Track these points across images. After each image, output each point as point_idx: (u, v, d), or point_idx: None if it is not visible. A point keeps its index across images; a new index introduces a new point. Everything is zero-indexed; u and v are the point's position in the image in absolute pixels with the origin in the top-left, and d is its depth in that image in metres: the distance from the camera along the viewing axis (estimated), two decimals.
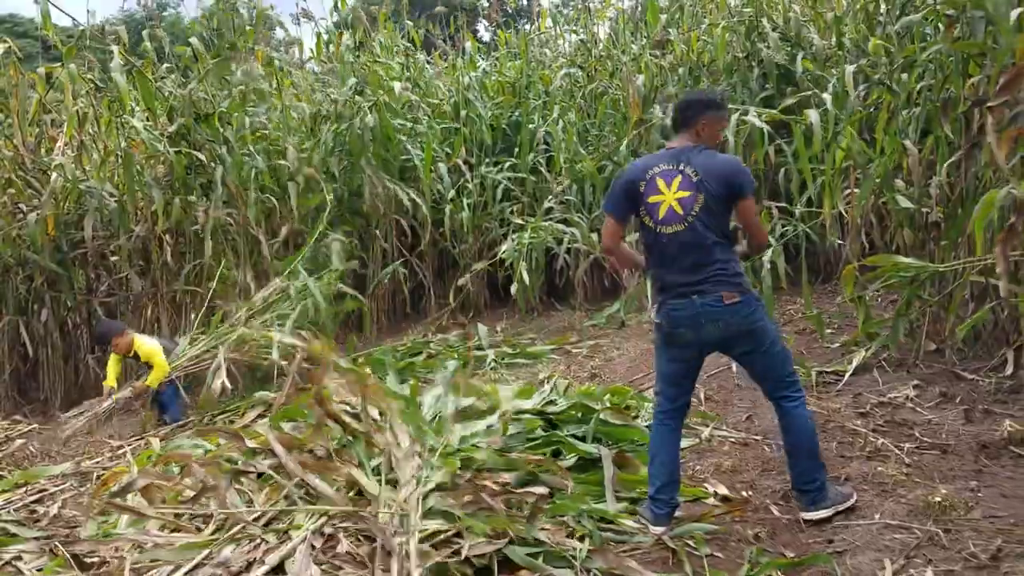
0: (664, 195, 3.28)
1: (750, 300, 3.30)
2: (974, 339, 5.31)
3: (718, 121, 3.47)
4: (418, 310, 9.37)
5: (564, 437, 4.16)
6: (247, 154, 7.87)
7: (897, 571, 2.85)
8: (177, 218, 7.51)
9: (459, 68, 10.54)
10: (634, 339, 7.03)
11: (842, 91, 6.67)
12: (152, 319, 7.86)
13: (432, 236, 9.34)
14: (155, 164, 7.72)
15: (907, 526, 3.21)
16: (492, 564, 2.97)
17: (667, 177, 3.29)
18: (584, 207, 8.74)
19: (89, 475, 4.53)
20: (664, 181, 3.29)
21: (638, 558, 3.11)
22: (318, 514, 3.14)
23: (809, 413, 3.41)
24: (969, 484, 3.58)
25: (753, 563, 2.96)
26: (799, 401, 3.37)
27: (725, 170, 3.27)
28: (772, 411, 4.60)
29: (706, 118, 3.39)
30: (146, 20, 11.12)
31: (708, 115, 3.39)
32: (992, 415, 4.36)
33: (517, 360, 6.84)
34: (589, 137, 9.37)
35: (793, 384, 3.39)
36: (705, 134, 3.41)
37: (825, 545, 3.13)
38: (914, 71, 5.88)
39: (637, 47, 9.60)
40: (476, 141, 9.74)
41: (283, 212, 8.15)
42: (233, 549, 2.92)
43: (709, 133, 3.43)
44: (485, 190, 9.26)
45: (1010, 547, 2.93)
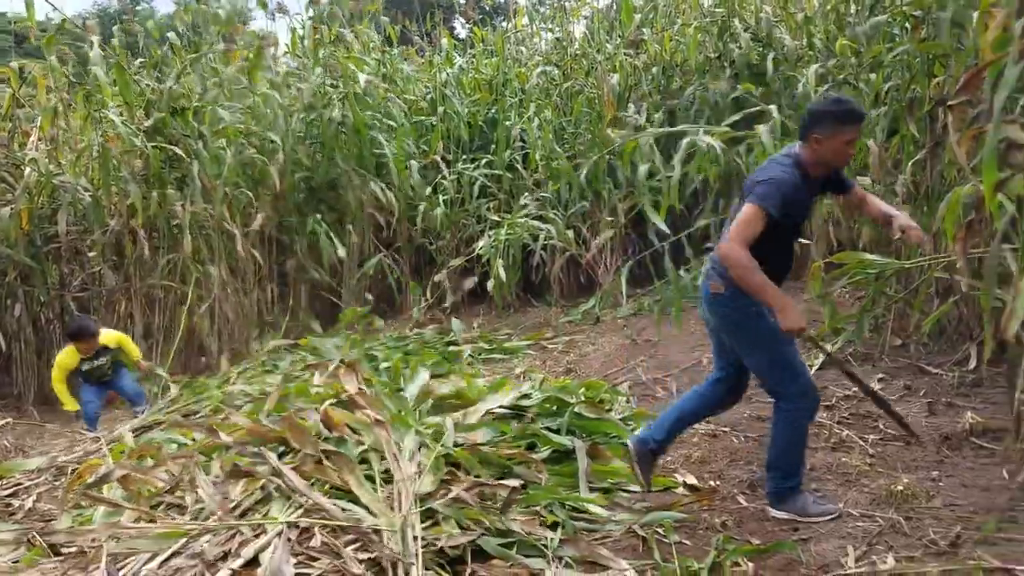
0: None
1: (734, 297, 3.22)
2: (938, 334, 5.44)
3: (836, 136, 3.12)
4: (394, 306, 9.40)
5: (539, 430, 4.22)
6: (221, 148, 7.87)
7: (860, 558, 2.93)
8: (153, 212, 7.50)
9: (436, 65, 10.57)
10: (609, 334, 7.11)
11: (811, 90, 6.79)
12: (125, 315, 7.83)
13: (408, 232, 9.38)
14: (131, 158, 7.69)
15: (870, 514, 3.30)
16: (465, 555, 3.03)
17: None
18: (560, 204, 8.82)
19: (64, 469, 4.52)
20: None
21: (609, 546, 3.18)
22: (294, 506, 3.18)
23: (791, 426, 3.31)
24: (931, 474, 3.69)
25: (720, 550, 3.03)
26: (785, 409, 3.31)
27: (755, 175, 3.27)
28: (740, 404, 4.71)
29: (819, 131, 3.13)
30: (119, 15, 11.04)
31: (820, 129, 3.13)
32: (955, 408, 4.49)
33: (493, 355, 6.90)
34: (565, 135, 9.45)
35: (783, 396, 3.30)
36: (823, 150, 3.15)
37: (790, 533, 3.22)
38: (881, 71, 6.01)
39: (612, 46, 9.69)
40: (453, 138, 9.78)
41: (257, 204, 8.17)
42: (208, 539, 2.95)
43: (829, 149, 3.15)
44: (462, 187, 9.31)
45: (969, 534, 3.03)
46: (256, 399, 5.23)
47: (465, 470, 3.65)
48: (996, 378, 4.71)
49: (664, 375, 5.64)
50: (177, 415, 5.61)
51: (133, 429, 5.25)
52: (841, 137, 3.13)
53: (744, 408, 4.84)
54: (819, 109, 3.19)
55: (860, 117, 3.20)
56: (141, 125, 7.59)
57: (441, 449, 3.71)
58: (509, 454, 3.84)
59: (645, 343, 6.56)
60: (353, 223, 8.95)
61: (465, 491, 3.34)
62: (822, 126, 3.12)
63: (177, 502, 3.39)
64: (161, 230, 7.77)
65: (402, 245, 9.43)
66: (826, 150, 3.16)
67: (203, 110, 7.91)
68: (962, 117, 4.44)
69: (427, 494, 3.32)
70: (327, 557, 2.88)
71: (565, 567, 3.02)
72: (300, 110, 8.95)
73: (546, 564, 3.01)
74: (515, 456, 3.83)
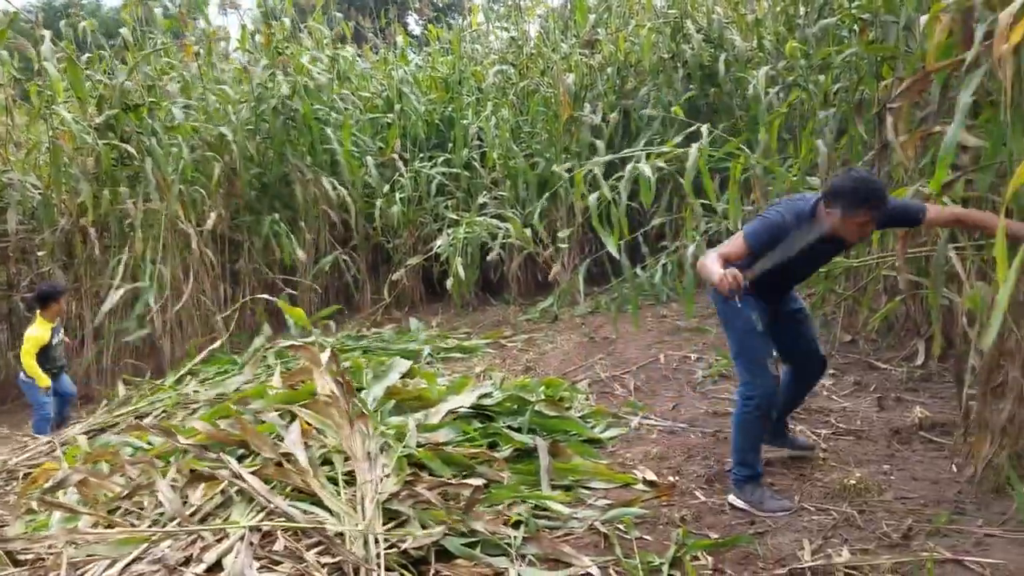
0: None
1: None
2: (887, 331, 5.60)
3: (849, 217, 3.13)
4: (351, 305, 9.35)
5: (500, 429, 4.25)
6: (175, 145, 7.75)
7: (815, 551, 3.01)
8: (104, 211, 7.35)
9: (390, 62, 10.53)
10: (567, 332, 7.17)
11: (762, 91, 6.91)
12: (76, 315, 7.67)
13: (365, 230, 9.33)
14: (83, 156, 7.53)
15: (824, 508, 3.39)
16: (429, 555, 3.04)
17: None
18: (518, 203, 8.85)
19: (15, 473, 4.42)
20: None
21: (572, 543, 3.22)
22: (255, 510, 3.16)
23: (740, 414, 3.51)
24: (882, 467, 3.80)
25: (680, 544, 3.08)
26: (744, 402, 3.50)
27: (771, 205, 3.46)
28: (697, 400, 4.80)
29: (833, 207, 3.15)
30: (65, 9, 10.78)
31: (834, 205, 3.15)
32: (904, 402, 4.63)
33: (452, 354, 6.90)
34: (522, 134, 9.48)
35: (744, 383, 3.51)
36: (835, 223, 3.17)
37: (748, 527, 3.29)
38: (830, 73, 6.14)
39: (567, 46, 9.75)
40: (410, 136, 9.75)
41: (210, 202, 8.06)
42: (170, 545, 2.92)
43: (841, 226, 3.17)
44: (419, 185, 9.28)
45: (920, 526, 3.13)
46: (213, 401, 5.16)
47: (428, 470, 3.66)
48: (944, 373, 4.87)
49: (622, 372, 5.71)
50: (130, 417, 5.51)
51: (86, 432, 5.14)
52: (854, 219, 3.15)
53: (701, 404, 4.93)
54: (838, 186, 3.16)
55: (877, 203, 3.14)
56: (92, 122, 7.43)
57: (404, 450, 3.71)
58: (471, 453, 3.86)
59: (603, 341, 6.64)
60: (306, 220, 8.87)
61: (428, 491, 3.34)
62: (837, 203, 3.14)
63: (136, 507, 3.34)
64: (112, 229, 7.62)
65: (359, 243, 9.37)
66: (838, 225, 3.19)
67: (157, 106, 7.77)
68: (907, 119, 4.58)
69: (390, 495, 3.32)
70: (290, 561, 2.87)
71: (528, 565, 3.05)
72: (248, 101, 8.84)
73: (510, 562, 3.04)
74: (477, 455, 3.85)
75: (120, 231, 7.61)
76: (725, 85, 8.41)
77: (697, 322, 6.65)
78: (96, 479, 3.56)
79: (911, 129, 4.85)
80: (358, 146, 9.53)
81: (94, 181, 7.42)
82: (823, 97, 6.24)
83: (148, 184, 7.37)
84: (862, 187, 3.12)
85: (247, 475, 3.28)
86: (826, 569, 2.85)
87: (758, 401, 3.45)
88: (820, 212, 3.23)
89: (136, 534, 2.98)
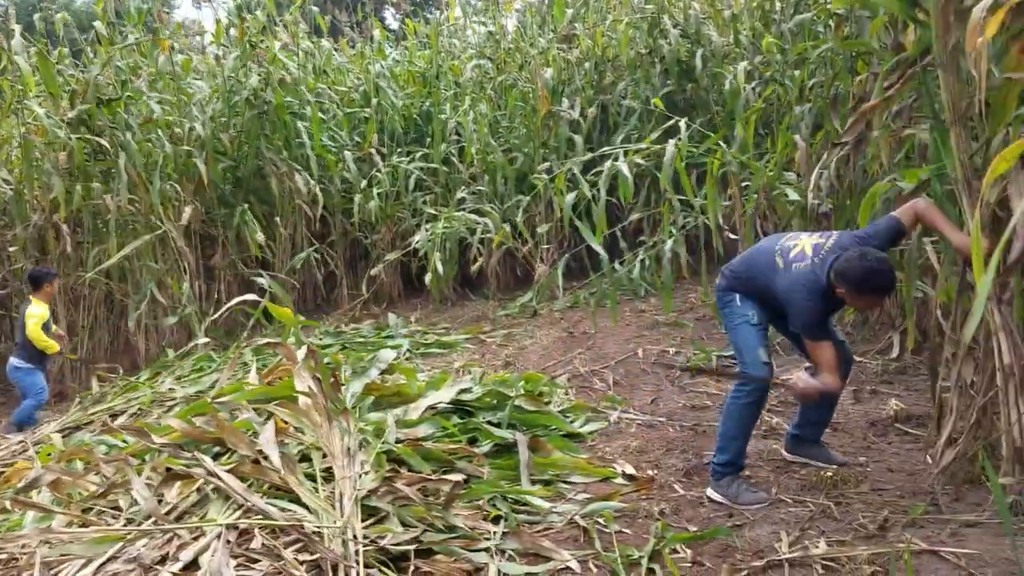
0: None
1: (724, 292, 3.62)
2: (862, 323, 5.65)
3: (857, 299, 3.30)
4: (329, 300, 9.30)
5: (480, 424, 4.25)
6: (150, 140, 7.66)
7: (793, 543, 3.03)
8: (77, 206, 7.25)
9: (367, 56, 10.46)
10: (547, 327, 7.17)
11: (739, 87, 6.94)
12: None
13: (343, 226, 9.28)
14: (55, 151, 7.42)
15: (801, 500, 3.42)
16: (409, 551, 3.03)
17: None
18: (496, 197, 8.83)
19: None
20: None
21: (551, 537, 3.22)
22: (232, 508, 3.13)
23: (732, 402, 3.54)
24: (858, 459, 3.84)
25: (659, 538, 3.09)
26: (737, 390, 3.54)
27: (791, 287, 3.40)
28: (676, 394, 4.82)
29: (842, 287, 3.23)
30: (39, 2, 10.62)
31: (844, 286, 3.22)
32: (879, 395, 4.68)
33: (431, 350, 6.88)
34: (500, 129, 9.46)
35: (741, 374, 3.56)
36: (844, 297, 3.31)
37: (726, 519, 3.31)
38: (805, 68, 6.18)
39: (545, 40, 9.74)
40: (388, 130, 9.70)
41: (184, 196, 7.99)
42: (145, 543, 2.89)
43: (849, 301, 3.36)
44: (397, 180, 9.24)
45: (896, 517, 3.15)
46: (189, 399, 5.11)
47: (407, 466, 3.64)
48: (918, 366, 4.92)
49: (601, 367, 5.72)
50: (105, 415, 5.45)
51: (60, 430, 5.08)
52: (860, 301, 3.36)
53: (680, 398, 4.96)
54: (848, 272, 3.19)
55: (885, 292, 3.33)
56: (65, 116, 7.32)
57: (383, 446, 3.69)
58: (451, 449, 3.85)
59: (582, 335, 6.64)
60: (282, 215, 8.81)
61: (407, 487, 3.33)
62: (846, 285, 3.21)
63: (110, 506, 3.30)
64: (86, 225, 7.52)
65: (336, 239, 9.32)
66: (848, 302, 3.37)
67: (132, 101, 7.68)
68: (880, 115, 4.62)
69: (369, 491, 3.30)
70: (268, 559, 2.85)
71: (508, 560, 3.06)
72: (220, 94, 8.76)
73: (489, 558, 3.03)
74: (457, 451, 3.85)
75: (94, 227, 7.51)
76: (702, 80, 8.44)
77: (675, 316, 6.68)
78: (70, 478, 3.51)
79: (885, 125, 4.91)
80: (335, 141, 9.47)
81: (67, 176, 7.32)
82: (799, 92, 6.28)
83: (122, 179, 7.27)
84: (872, 277, 3.17)
85: (223, 473, 3.24)
86: (803, 561, 2.87)
87: (751, 389, 3.49)
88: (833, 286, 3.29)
89: (111, 533, 2.94)
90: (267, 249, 8.67)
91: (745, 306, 3.55)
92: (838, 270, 3.22)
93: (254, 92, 8.54)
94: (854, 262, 3.18)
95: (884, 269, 3.18)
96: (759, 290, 3.53)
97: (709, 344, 5.89)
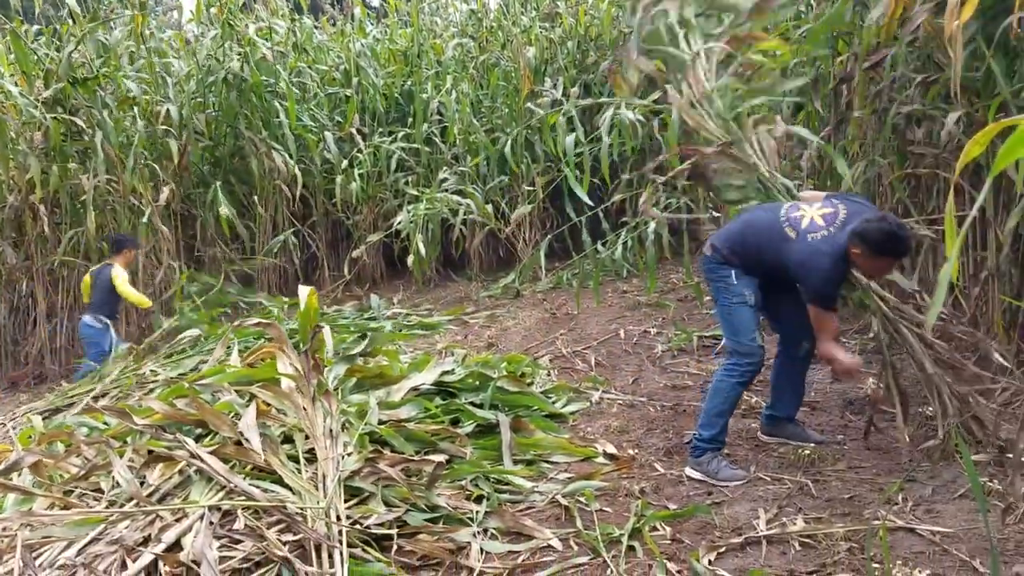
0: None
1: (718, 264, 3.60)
2: (841, 304, 5.68)
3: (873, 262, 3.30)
4: (311, 282, 9.25)
5: (463, 405, 4.26)
6: (126, 119, 7.58)
7: (771, 520, 3.08)
8: (54, 187, 7.16)
9: (348, 34, 10.36)
10: (529, 308, 7.19)
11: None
12: (27, 294, 7.50)
13: (324, 207, 9.23)
14: (30, 131, 7.32)
15: (779, 478, 3.47)
16: (391, 531, 3.05)
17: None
18: (479, 178, 8.81)
19: None
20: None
21: (533, 516, 3.26)
22: (215, 489, 3.13)
23: (725, 379, 3.57)
24: (836, 437, 3.90)
25: (639, 516, 3.14)
26: (730, 368, 3.57)
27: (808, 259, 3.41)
28: (657, 374, 4.86)
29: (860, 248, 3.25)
30: None
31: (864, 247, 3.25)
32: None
33: (414, 331, 6.88)
34: (482, 108, 9.42)
35: (733, 353, 3.59)
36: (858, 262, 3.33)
37: (705, 497, 3.36)
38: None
39: (527, 19, 9.68)
40: (369, 110, 9.63)
41: (162, 175, 7.92)
42: (128, 525, 2.89)
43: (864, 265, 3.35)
44: (379, 160, 9.18)
45: (872, 495, 3.22)
46: (171, 381, 5.09)
47: (390, 447, 3.66)
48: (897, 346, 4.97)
49: (583, 348, 5.75)
50: (86, 398, 5.42)
51: (41, 412, 5.05)
52: (875, 264, 3.33)
53: (661, 378, 5.00)
54: (871, 233, 3.22)
55: (904, 254, 3.39)
56: (40, 96, 7.21)
57: (365, 427, 3.70)
58: (434, 430, 3.87)
59: (564, 316, 6.67)
60: (261, 196, 8.74)
61: (390, 468, 3.35)
62: (866, 247, 3.23)
63: (93, 489, 3.29)
64: (63, 205, 7.44)
65: (318, 220, 9.27)
66: (861, 265, 3.35)
67: (108, 79, 7.57)
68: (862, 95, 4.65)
69: (352, 472, 3.31)
70: (251, 540, 2.86)
71: (490, 538, 3.09)
72: (197, 74, 8.67)
73: (472, 536, 3.06)
74: (440, 432, 3.87)
75: (72, 207, 7.43)
76: None
77: (657, 297, 6.71)
78: (51, 460, 3.49)
79: (867, 104, 4.94)
80: (316, 121, 9.38)
81: (43, 157, 7.22)
82: (781, 72, 6.28)
83: (99, 159, 7.19)
84: (892, 240, 3.22)
85: (205, 455, 3.24)
86: (781, 537, 2.92)
87: (743, 369, 3.54)
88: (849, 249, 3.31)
89: (93, 515, 2.93)
90: (247, 230, 8.61)
91: (742, 284, 3.53)
92: (858, 231, 3.26)
93: (232, 73, 8.44)
94: (875, 224, 3.24)
95: (904, 234, 3.24)
96: (765, 264, 3.51)
97: (690, 325, 5.93)
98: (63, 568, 2.68)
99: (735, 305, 3.55)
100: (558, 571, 2.85)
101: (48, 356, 7.46)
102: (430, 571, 2.91)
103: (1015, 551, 2.69)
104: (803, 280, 3.43)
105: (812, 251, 3.33)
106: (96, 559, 2.69)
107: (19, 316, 7.79)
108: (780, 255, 3.43)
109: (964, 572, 2.61)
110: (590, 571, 2.84)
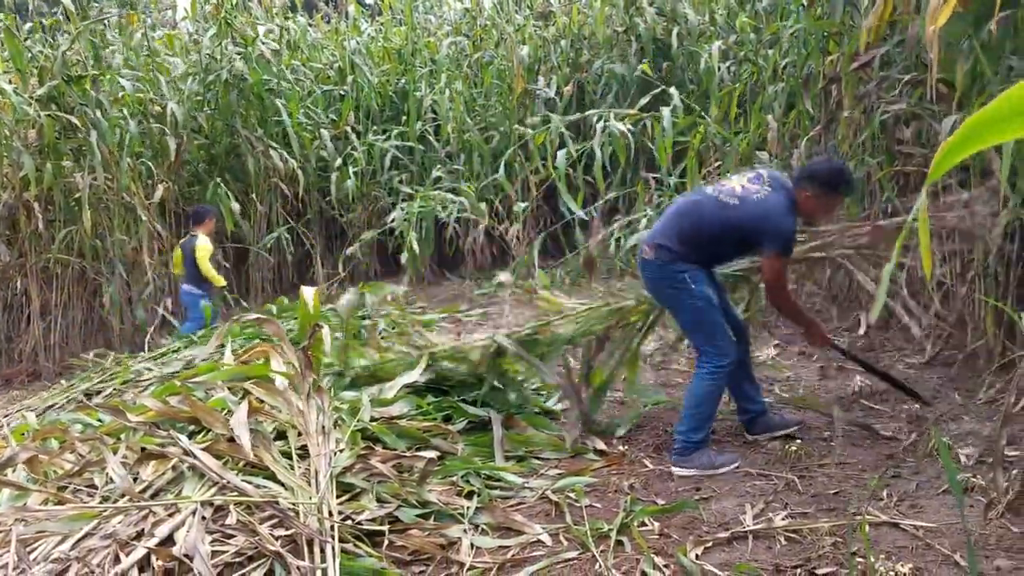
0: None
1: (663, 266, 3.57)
2: (830, 301, 5.74)
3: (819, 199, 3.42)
4: (305, 280, 9.27)
5: (455, 402, 4.29)
6: (121, 117, 7.58)
7: (757, 515, 3.11)
8: (48, 185, 7.17)
9: (342, 32, 10.37)
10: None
11: (715, 66, 6.99)
12: (21, 291, 7.51)
13: (319, 204, 9.24)
14: (24, 128, 7.32)
15: (766, 473, 3.51)
16: (383, 526, 3.08)
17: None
18: (473, 176, 8.83)
19: None
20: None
21: (523, 511, 3.29)
22: (207, 485, 3.16)
23: (709, 383, 3.59)
24: (823, 434, 3.93)
25: (628, 511, 3.17)
26: (713, 371, 3.58)
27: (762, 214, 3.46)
28: (646, 372, 4.88)
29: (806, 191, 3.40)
30: None
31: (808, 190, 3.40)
32: (845, 371, 4.78)
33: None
34: (476, 107, 9.44)
35: (704, 353, 3.61)
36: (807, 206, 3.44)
37: (693, 492, 3.39)
38: (778, 47, 6.23)
39: (521, 17, 9.70)
40: (363, 108, 9.65)
41: (157, 173, 7.93)
42: (121, 520, 2.91)
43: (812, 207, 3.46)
44: (373, 158, 9.20)
45: (858, 491, 3.25)
46: (165, 378, 5.11)
47: (382, 444, 3.68)
48: (884, 343, 5.02)
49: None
50: (79, 395, 5.44)
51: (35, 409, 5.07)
52: (826, 203, 3.47)
53: (650, 375, 5.02)
54: (817, 171, 3.40)
55: (849, 188, 3.50)
56: (34, 93, 7.22)
57: (358, 424, 3.73)
58: (426, 427, 3.90)
59: None
60: (256, 193, 8.75)
61: (382, 464, 3.37)
62: (816, 186, 3.38)
63: (86, 484, 3.32)
64: (57, 203, 7.45)
65: (312, 217, 9.29)
66: (811, 206, 3.47)
67: (102, 78, 7.58)
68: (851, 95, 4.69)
69: (344, 468, 3.34)
70: (243, 535, 2.88)
71: (481, 534, 3.12)
72: (196, 71, 8.67)
73: (462, 531, 3.10)
74: (431, 428, 3.89)
75: (66, 205, 7.44)
76: (678, 59, 8.46)
77: None
78: (45, 456, 3.52)
79: (856, 104, 4.98)
80: (311, 118, 9.40)
81: (37, 154, 7.23)
82: (771, 71, 6.33)
83: (95, 157, 7.20)
84: (841, 174, 3.39)
85: (197, 451, 3.26)
86: (767, 532, 2.96)
87: (725, 369, 3.58)
88: (798, 199, 3.42)
89: (87, 510, 2.96)
90: (242, 227, 8.62)
91: (701, 285, 3.52)
92: (807, 174, 3.40)
93: (231, 72, 8.45)
94: (823, 163, 3.48)
95: (848, 168, 3.42)
96: (711, 242, 3.53)
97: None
98: (57, 562, 2.70)
99: (702, 308, 3.55)
100: (547, 566, 2.88)
101: (42, 353, 7.47)
102: (421, 566, 2.94)
103: (996, 545, 2.74)
104: (764, 232, 3.42)
105: (764, 209, 3.41)
106: (90, 553, 2.72)
107: (13, 313, 7.79)
108: (727, 224, 3.47)
109: (946, 566, 2.65)
110: (579, 566, 2.87)
